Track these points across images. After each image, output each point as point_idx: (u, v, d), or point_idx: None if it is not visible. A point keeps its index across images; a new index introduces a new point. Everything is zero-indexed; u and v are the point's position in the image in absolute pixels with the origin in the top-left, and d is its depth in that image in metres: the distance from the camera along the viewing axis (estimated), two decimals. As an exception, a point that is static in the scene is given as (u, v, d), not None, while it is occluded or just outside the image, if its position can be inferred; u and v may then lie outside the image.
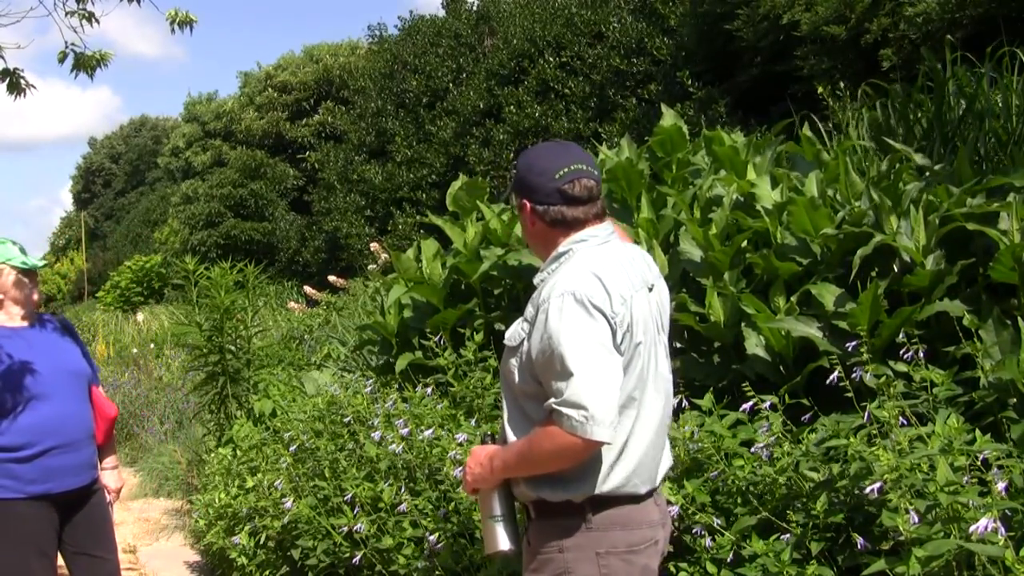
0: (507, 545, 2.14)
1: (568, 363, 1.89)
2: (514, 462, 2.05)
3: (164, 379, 10.99)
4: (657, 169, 4.70)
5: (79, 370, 3.33)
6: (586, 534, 2.02)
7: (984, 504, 2.12)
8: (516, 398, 2.09)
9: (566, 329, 1.91)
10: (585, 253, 2.06)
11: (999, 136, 4.31)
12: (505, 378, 2.13)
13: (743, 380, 3.09)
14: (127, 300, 29.93)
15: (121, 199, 49.96)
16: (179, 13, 3.21)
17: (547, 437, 1.93)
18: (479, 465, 2.14)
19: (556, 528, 2.05)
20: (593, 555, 2.01)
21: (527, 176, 2.12)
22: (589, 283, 1.96)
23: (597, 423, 1.86)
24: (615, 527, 2.03)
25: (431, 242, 5.14)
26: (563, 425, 1.88)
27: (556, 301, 1.95)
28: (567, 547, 2.03)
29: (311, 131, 30.54)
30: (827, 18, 9.97)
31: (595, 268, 2.00)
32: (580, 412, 1.86)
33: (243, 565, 4.37)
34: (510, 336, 2.09)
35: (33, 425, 3.10)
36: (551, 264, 2.11)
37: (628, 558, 2.03)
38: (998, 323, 3.01)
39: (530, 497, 2.08)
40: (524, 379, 2.03)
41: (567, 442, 1.89)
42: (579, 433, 1.87)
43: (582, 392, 1.87)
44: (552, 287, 2.00)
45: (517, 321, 2.10)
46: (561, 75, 16.96)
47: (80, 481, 3.23)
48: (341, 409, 4.36)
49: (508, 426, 2.11)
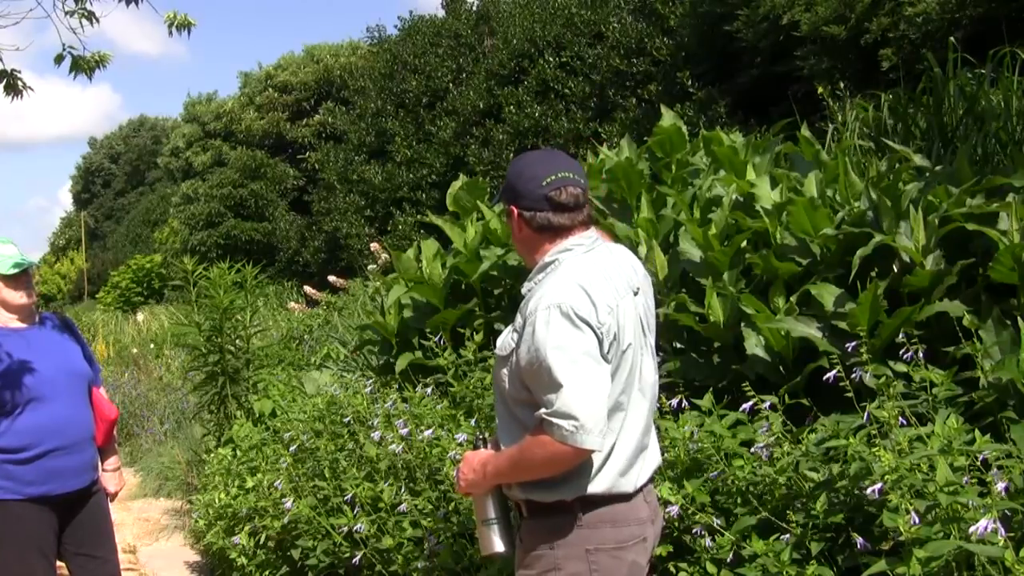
0: (502, 548, 2.20)
1: (556, 375, 1.94)
2: (506, 469, 2.12)
3: (164, 379, 11.00)
4: (657, 169, 4.70)
5: (80, 371, 3.32)
6: (577, 532, 2.07)
7: (984, 504, 2.12)
8: (508, 404, 2.14)
9: (553, 341, 1.96)
10: (571, 263, 2.10)
11: (999, 137, 4.31)
12: (497, 385, 2.18)
13: (743, 380, 3.08)
14: (127, 300, 29.98)
15: (121, 199, 50.01)
16: (177, 16, 3.20)
17: (539, 445, 1.98)
18: (472, 471, 2.20)
19: (548, 526, 2.10)
20: (583, 552, 2.07)
21: (515, 182, 2.17)
22: (575, 295, 2.00)
23: (587, 432, 1.92)
24: (604, 525, 2.08)
25: (431, 242, 5.14)
26: (554, 435, 1.93)
27: (543, 314, 1.99)
28: (558, 544, 2.08)
29: (311, 131, 30.55)
30: (827, 18, 9.97)
31: (580, 279, 2.04)
32: (571, 422, 1.91)
33: (243, 565, 4.37)
34: (501, 346, 2.15)
35: (33, 427, 3.09)
36: (537, 274, 2.15)
37: (616, 554, 2.09)
38: (998, 323, 3.01)
39: (521, 498, 2.14)
40: (515, 387, 2.09)
41: (558, 451, 1.94)
42: (570, 442, 1.92)
43: (572, 403, 1.92)
44: (539, 299, 2.03)
45: (506, 330, 2.16)
46: (561, 75, 16.97)
47: (81, 483, 3.23)
48: (341, 409, 4.36)
49: (499, 429, 2.18)
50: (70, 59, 3.15)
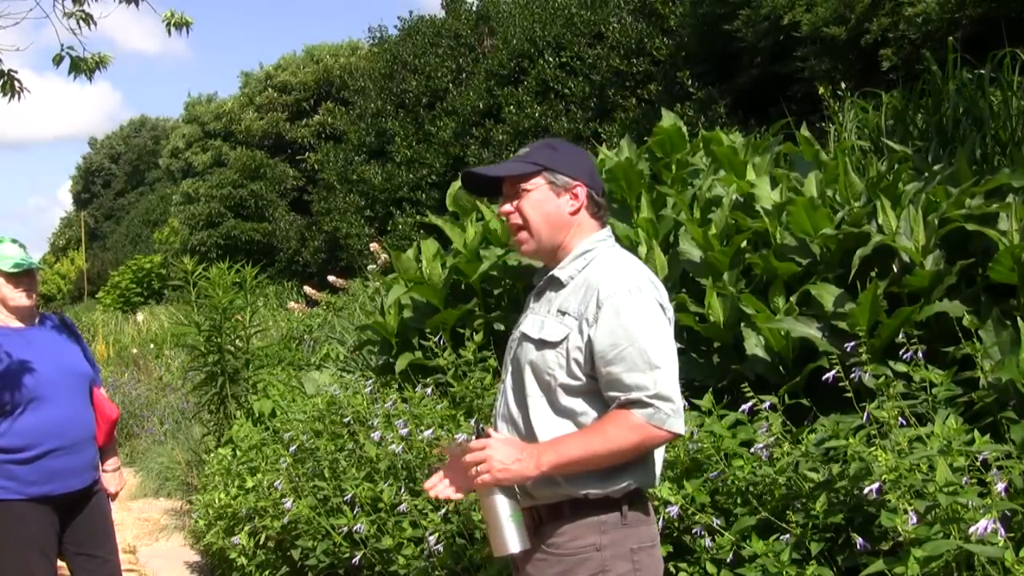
0: (518, 547, 2.00)
1: (652, 357, 1.90)
2: (578, 456, 1.91)
3: (164, 379, 10.99)
4: (657, 169, 4.70)
5: (81, 371, 3.31)
6: (622, 530, 1.98)
7: (984, 505, 2.12)
8: (552, 394, 1.99)
9: (646, 323, 1.93)
10: (617, 252, 2.08)
11: (998, 137, 4.31)
12: (533, 372, 2.02)
13: (742, 380, 3.09)
14: (127, 300, 29.96)
15: (121, 199, 50.00)
16: (175, 15, 3.19)
17: (631, 429, 1.88)
18: (517, 461, 1.90)
19: (593, 525, 1.97)
20: (628, 551, 1.97)
21: (585, 163, 2.13)
22: (650, 280, 2.01)
23: (680, 415, 1.90)
24: (641, 522, 2.02)
25: (431, 242, 5.14)
26: (651, 419, 1.88)
27: (627, 297, 1.94)
28: (604, 544, 1.96)
29: (311, 131, 30.55)
30: (827, 19, 9.97)
31: (644, 268, 2.05)
32: (669, 405, 1.88)
33: (243, 565, 4.37)
34: (550, 332, 2.00)
35: (34, 427, 3.10)
36: (574, 261, 2.06)
37: (652, 552, 2.03)
38: (997, 323, 3.01)
39: (569, 494, 1.97)
40: (572, 374, 1.97)
41: (652, 435, 1.89)
42: (666, 426, 1.88)
43: (670, 385, 1.90)
44: (614, 283, 1.96)
45: (546, 317, 2.03)
46: (561, 75, 16.97)
47: (82, 483, 3.23)
48: (341, 409, 4.36)
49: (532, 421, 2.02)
50: (69, 61, 3.14)
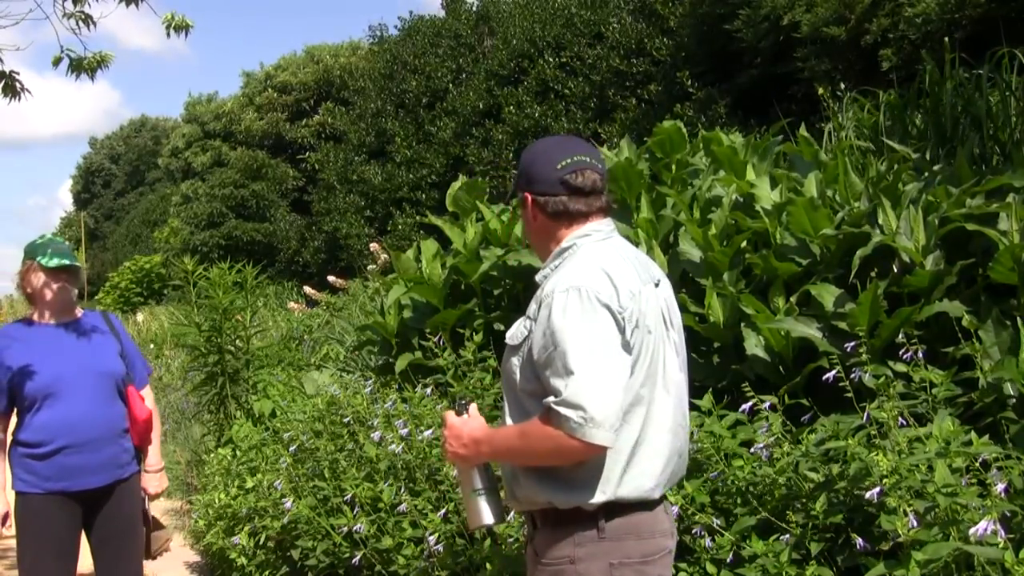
0: (491, 519, 2.08)
1: (569, 361, 1.81)
2: (505, 455, 2.02)
3: (164, 379, 10.98)
4: (656, 170, 4.70)
5: (107, 370, 3.27)
6: (599, 543, 1.92)
7: (983, 506, 2.12)
8: (518, 397, 2.01)
9: (570, 325, 1.84)
10: (589, 248, 2.00)
11: (997, 137, 4.31)
12: (507, 377, 2.05)
13: (742, 380, 3.09)
14: (127, 300, 29.94)
15: (121, 199, 49.98)
16: (175, 17, 3.20)
17: (545, 437, 1.84)
18: (462, 446, 2.06)
19: (567, 537, 1.94)
20: (607, 566, 1.91)
21: (529, 167, 2.06)
22: (596, 278, 1.90)
23: (596, 425, 1.78)
24: (629, 536, 1.94)
25: (431, 242, 5.14)
26: (561, 426, 1.80)
27: (560, 297, 1.88)
28: (579, 557, 1.92)
29: (311, 132, 30.52)
30: (827, 19, 9.97)
31: (602, 263, 1.94)
32: (578, 413, 1.78)
33: (243, 565, 4.37)
34: (512, 335, 2.02)
35: (48, 423, 3.12)
36: (553, 260, 2.03)
37: (642, 569, 1.94)
38: (997, 323, 3.01)
39: (538, 503, 1.98)
40: (526, 377, 1.96)
41: (565, 444, 1.81)
42: (577, 435, 1.79)
43: (581, 392, 1.79)
44: (556, 282, 1.92)
45: (520, 319, 2.03)
46: (561, 75, 16.96)
47: (99, 481, 3.20)
48: (341, 409, 4.36)
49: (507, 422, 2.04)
50: (68, 61, 3.15)
